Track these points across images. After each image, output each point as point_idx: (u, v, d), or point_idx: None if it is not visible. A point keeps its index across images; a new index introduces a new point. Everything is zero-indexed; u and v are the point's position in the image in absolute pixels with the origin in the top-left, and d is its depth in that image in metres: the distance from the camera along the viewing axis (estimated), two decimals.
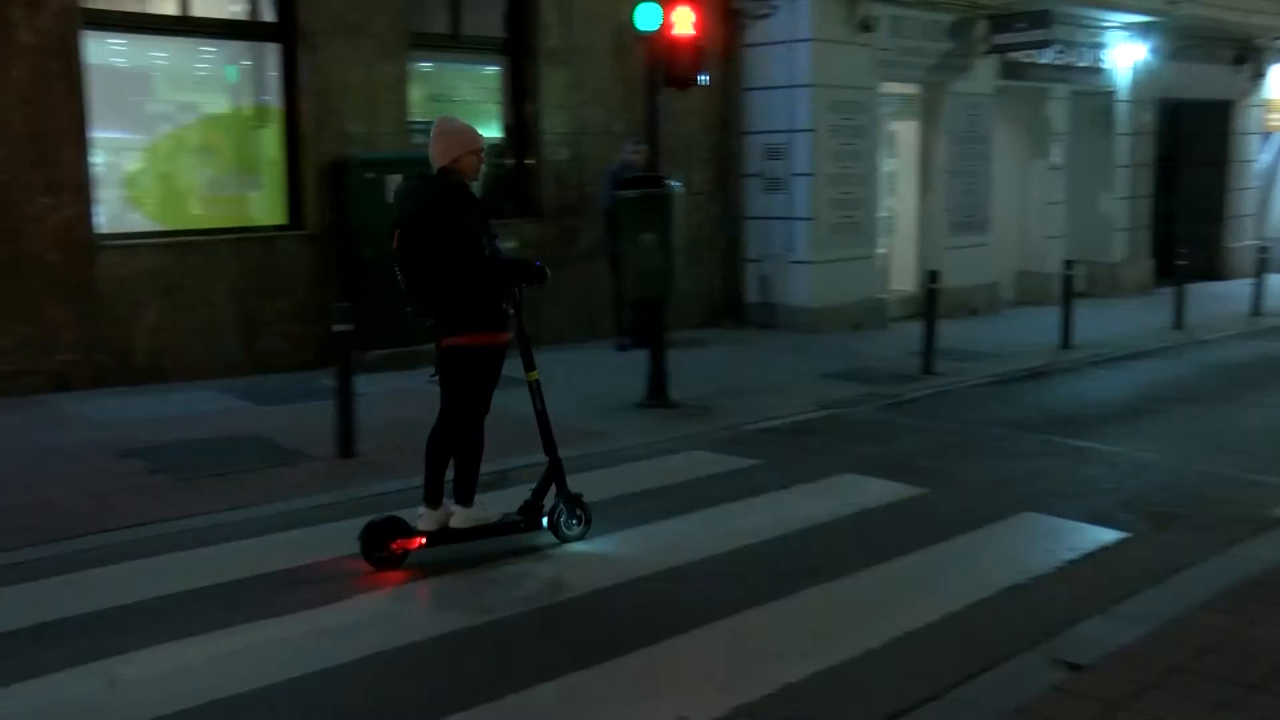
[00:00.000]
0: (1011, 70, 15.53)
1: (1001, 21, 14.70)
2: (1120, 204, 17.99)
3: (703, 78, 9.13)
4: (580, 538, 5.82)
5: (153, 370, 9.85)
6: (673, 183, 9.09)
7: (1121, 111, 17.71)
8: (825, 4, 13.06)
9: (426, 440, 5.66)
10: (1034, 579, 5.37)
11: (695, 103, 13.02)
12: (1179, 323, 13.96)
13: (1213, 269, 20.13)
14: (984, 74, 15.17)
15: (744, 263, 13.90)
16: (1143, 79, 17.86)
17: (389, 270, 5.62)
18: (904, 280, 15.11)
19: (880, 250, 14.70)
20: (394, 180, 10.36)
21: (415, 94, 11.48)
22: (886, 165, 15.03)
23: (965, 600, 5.07)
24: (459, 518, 5.60)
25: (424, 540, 5.49)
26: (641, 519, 6.24)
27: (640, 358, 9.55)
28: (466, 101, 12.25)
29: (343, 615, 4.90)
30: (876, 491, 6.82)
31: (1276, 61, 20.96)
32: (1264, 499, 6.63)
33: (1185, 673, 4.12)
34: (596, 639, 4.65)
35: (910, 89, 14.88)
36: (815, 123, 13.08)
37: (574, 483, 6.00)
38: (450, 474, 5.69)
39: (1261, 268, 15.81)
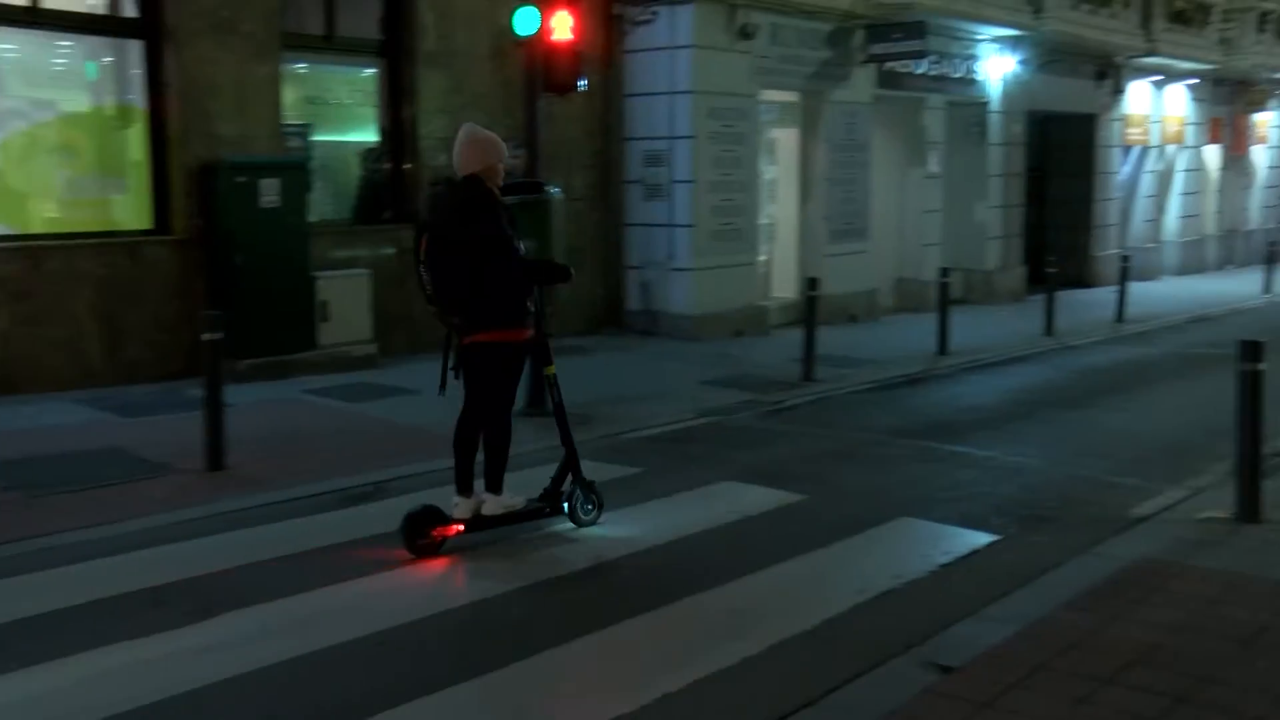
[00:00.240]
0: (889, 80, 15.96)
1: (878, 31, 15.10)
2: (994, 212, 18.62)
3: (582, 83, 9.17)
4: (594, 522, 6.24)
5: (2, 381, 9.45)
6: (552, 189, 9.11)
7: (994, 122, 18.34)
8: (706, 11, 13.24)
9: (453, 434, 6.03)
10: (909, 583, 5.52)
11: (576, 108, 13.06)
12: (1049, 329, 14.50)
13: (1081, 276, 20.98)
14: (862, 83, 15.55)
15: (625, 270, 13.99)
16: (1013, 91, 18.52)
17: (261, 276, 5.57)
18: (785, 287, 15.37)
19: (761, 257, 14.95)
20: (267, 184, 10.22)
21: (289, 96, 11.27)
22: (767, 172, 15.28)
23: (842, 606, 5.18)
24: (491, 505, 5.96)
25: (461, 527, 5.85)
26: (518, 529, 6.22)
27: None
28: (343, 104, 12.09)
29: (208, 635, 4.79)
30: (756, 499, 6.92)
31: (1134, 78, 21.96)
32: (1124, 500, 6.94)
33: (1048, 670, 4.29)
34: (469, 655, 4.63)
35: (790, 97, 15.16)
36: (696, 129, 13.24)
37: (443, 495, 5.96)
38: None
39: (1124, 276, 16.52)
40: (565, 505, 6.16)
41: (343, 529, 6.23)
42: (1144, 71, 22.17)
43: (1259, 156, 27.99)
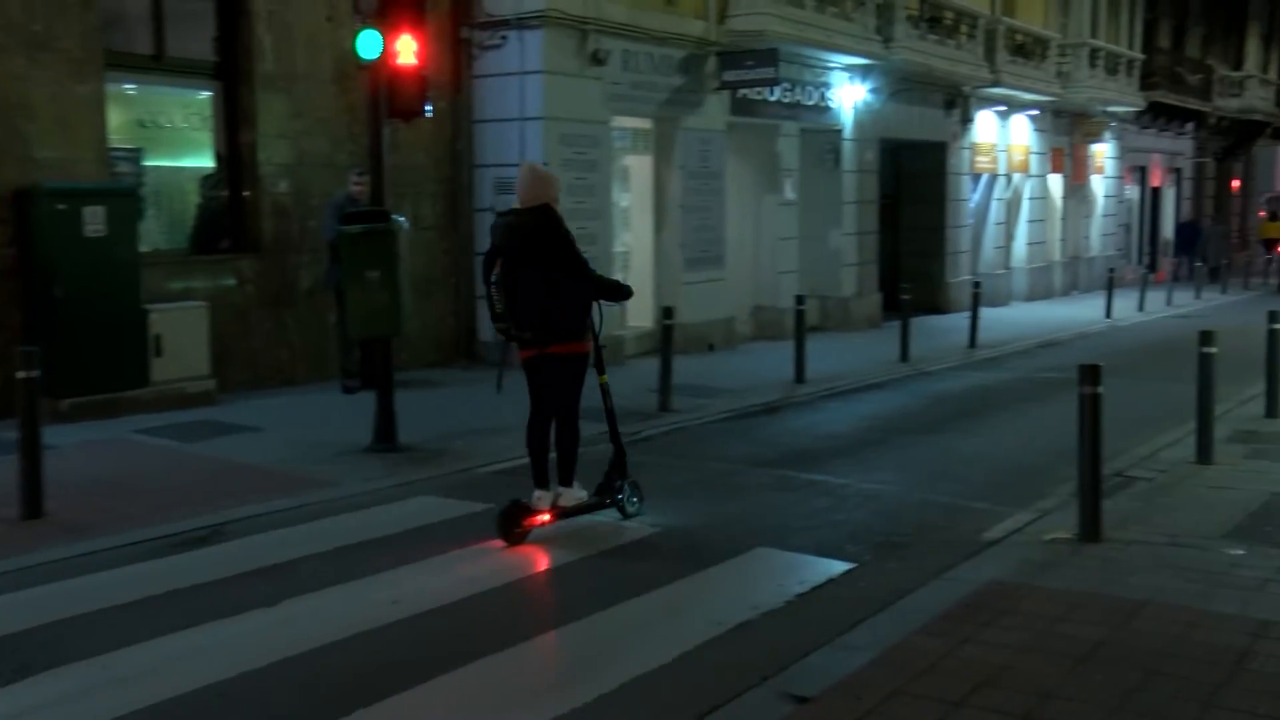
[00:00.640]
0: (742, 107, 16.30)
1: (731, 59, 15.43)
2: (849, 240, 19.15)
3: (429, 109, 9.11)
4: (639, 514, 7.13)
5: None
6: (398, 217, 9.02)
7: (848, 149, 18.89)
8: (556, 36, 13.33)
9: (526, 436, 6.99)
10: (765, 614, 5.59)
11: (423, 134, 12.98)
12: (905, 355, 14.96)
13: (935, 303, 21.74)
14: (715, 110, 15.85)
15: (478, 300, 13.90)
16: (865, 119, 19.13)
17: (86, 309, 5.39)
18: (640, 316, 15.48)
19: None
20: (92, 212, 9.85)
21: (117, 118, 10.92)
22: (621, 200, 15.42)
23: (698, 639, 5.22)
24: (566, 497, 6.90)
25: (549, 516, 6.71)
26: (366, 570, 6.11)
27: (368, 400, 9.38)
28: (177, 128, 11.75)
29: (23, 697, 4.55)
30: (615, 531, 6.93)
31: (981, 108, 22.94)
32: (976, 524, 7.18)
33: (902, 696, 4.40)
34: (301, 703, 4.51)
35: (643, 123, 15.36)
36: (547, 156, 13.27)
37: (294, 533, 5.84)
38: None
39: (976, 302, 17.17)
40: (618, 499, 7.10)
41: (176, 576, 6.01)
42: (990, 101, 23.17)
43: (1097, 186, 29.49)
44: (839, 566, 6.34)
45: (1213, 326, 9.15)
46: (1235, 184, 39.58)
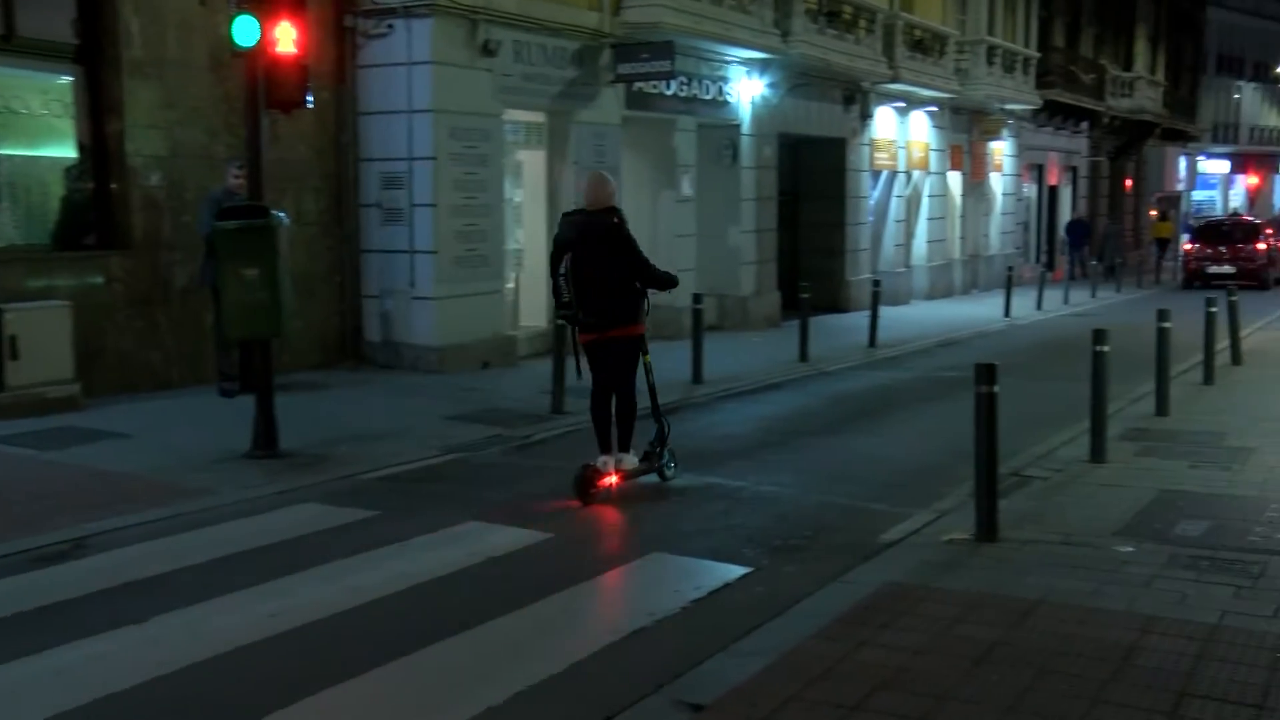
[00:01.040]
0: (638, 101, 16.37)
1: (626, 51, 15.48)
2: (748, 237, 19.35)
3: (310, 100, 8.97)
4: (675, 477, 8.37)
5: None
6: (277, 213, 8.87)
7: (746, 145, 19.09)
8: (445, 25, 13.23)
9: (590, 410, 8.22)
10: (660, 620, 5.63)
11: (305, 126, 12.78)
12: (804, 355, 15.17)
13: (835, 301, 22.09)
14: (610, 103, 15.89)
15: (364, 299, 13.75)
16: (763, 114, 19.35)
17: None
18: (534, 315, 15.46)
19: (508, 284, 15.00)
20: None
21: None
22: (513, 196, 15.37)
23: (591, 647, 5.24)
24: (626, 461, 8.08)
25: (618, 478, 7.91)
26: (245, 582, 6.00)
27: (247, 404, 9.21)
28: (32, 114, 11.35)
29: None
30: (502, 539, 6.92)
31: (880, 104, 23.38)
32: (874, 525, 7.32)
33: (799, 701, 4.47)
34: None
35: (536, 117, 15.32)
36: (436, 150, 13.18)
37: (166, 545, 5.69)
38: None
39: (876, 300, 17.49)
40: (659, 465, 8.31)
41: (36, 593, 5.82)
42: (889, 97, 23.62)
43: (996, 184, 30.26)
44: (735, 571, 6.40)
45: (1106, 325, 9.47)
46: (1128, 183, 40.97)
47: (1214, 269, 28.49)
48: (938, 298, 26.09)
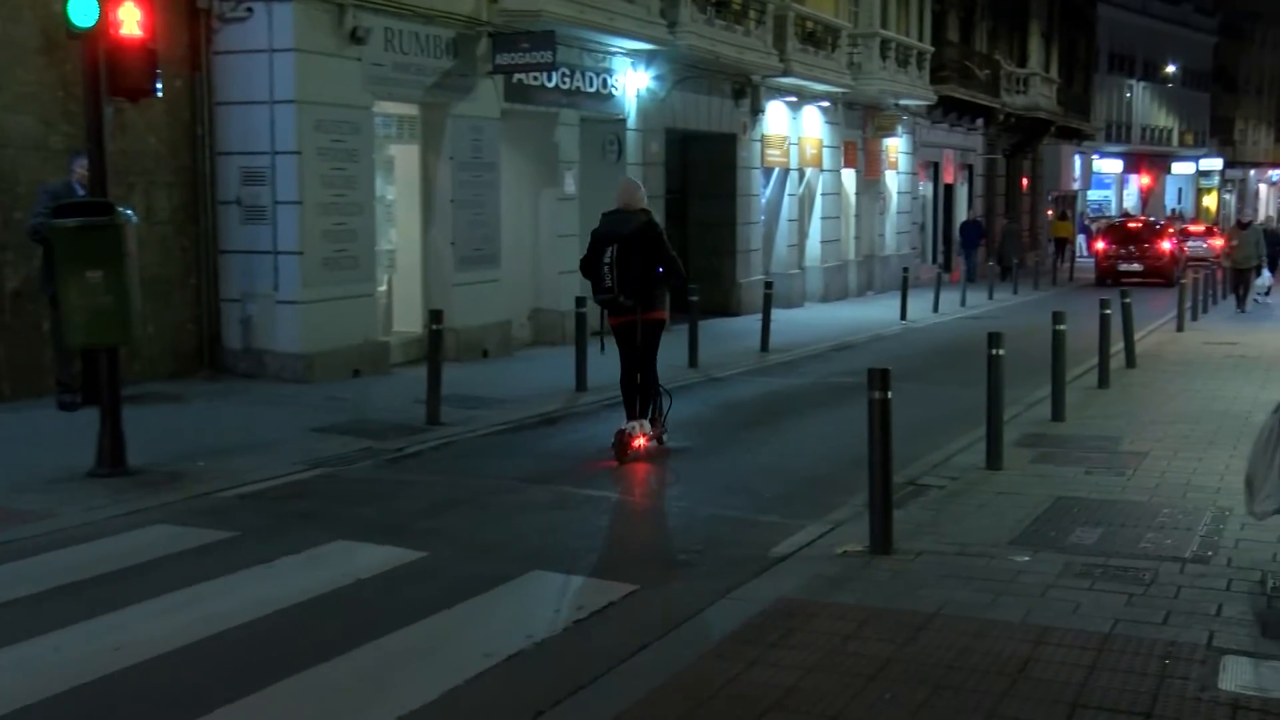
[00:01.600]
0: (518, 93, 16.31)
1: (504, 40, 15.41)
2: None
3: (159, 88, 8.74)
4: (668, 444, 10.12)
5: None
6: (124, 209, 8.61)
7: (631, 140, 19.15)
8: (309, 10, 13.02)
9: (620, 384, 9.95)
10: (541, 643, 5.59)
11: (156, 115, 12.46)
12: (693, 361, 15.26)
13: (725, 305, 22.28)
14: (489, 96, 15.81)
15: (223, 303, 13.45)
16: (650, 108, 19.45)
17: None
18: (408, 320, 15.31)
19: (380, 287, 14.82)
20: None
21: None
22: (386, 193, 15.19)
23: (468, 673, 5.18)
24: (644, 427, 9.78)
25: (645, 440, 9.70)
26: (89, 611, 5.81)
27: (91, 417, 8.92)
28: None
29: None
30: (372, 559, 6.82)
31: (772, 98, 23.67)
32: (766, 538, 7.37)
33: None
34: None
35: (409, 109, 15.17)
36: (301, 144, 12.95)
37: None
38: None
39: (768, 303, 17.68)
40: (659, 436, 10.05)
41: None
42: (780, 92, 23.93)
43: (891, 182, 30.86)
44: (621, 589, 6.39)
45: (1003, 328, 9.71)
46: (1024, 182, 42.17)
47: (1125, 266, 31.49)
48: (832, 300, 26.49)
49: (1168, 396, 12.63)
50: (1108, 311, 13.18)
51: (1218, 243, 34.53)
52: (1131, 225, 34.35)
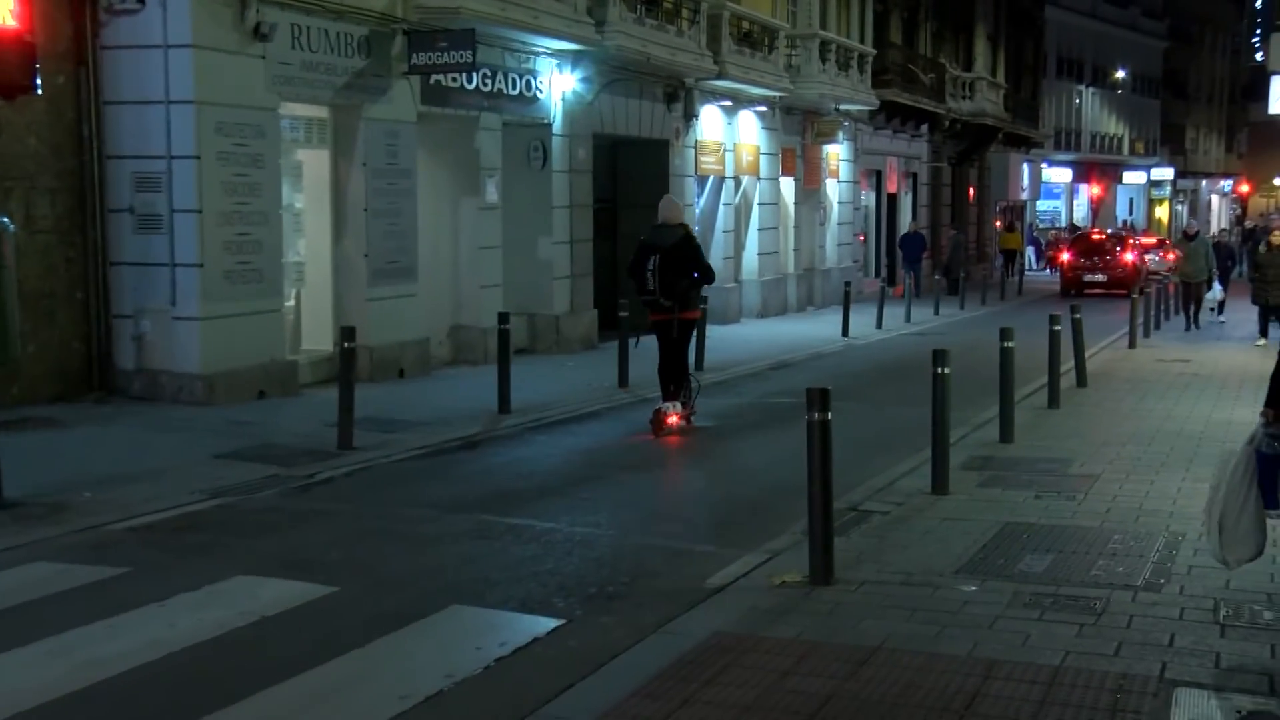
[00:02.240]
0: (436, 95, 16.26)
1: (421, 39, 15.37)
2: (560, 249, 19.42)
3: (38, 84, 8.60)
4: (699, 425, 12.26)
5: None
6: None
7: (557, 146, 19.17)
8: (207, 3, 12.89)
9: (658, 372, 12.26)
10: (461, 682, 5.57)
11: (35, 115, 12.25)
12: (624, 380, 15.27)
13: None
14: (404, 98, 15.75)
15: (114, 320, 13.24)
16: (577, 112, 19.48)
17: None
18: (318, 338, 15.17)
19: (288, 303, 14.69)
20: None
21: None
22: (293, 201, 15.07)
23: (382, 716, 5.14)
24: (676, 407, 12.12)
25: (675, 418, 12.02)
26: None
27: None
28: None
29: None
30: (276, 595, 6.75)
31: (706, 103, 23.82)
32: (699, 569, 7.39)
33: None
34: None
35: (318, 111, 15.07)
36: (200, 148, 12.81)
37: None
38: None
39: (703, 319, 17.70)
40: (688, 416, 12.42)
41: None
42: (715, 95, 24.09)
43: (832, 191, 31.15)
44: (545, 624, 6.38)
45: (950, 344, 9.84)
46: (971, 191, 42.77)
47: (1089, 277, 33.94)
48: (770, 315, 26.65)
49: (1120, 417, 12.85)
50: (1058, 328, 13.38)
51: (1171, 255, 35.37)
52: (1095, 238, 36.93)
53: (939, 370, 9.00)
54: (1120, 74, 59.55)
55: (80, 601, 6.60)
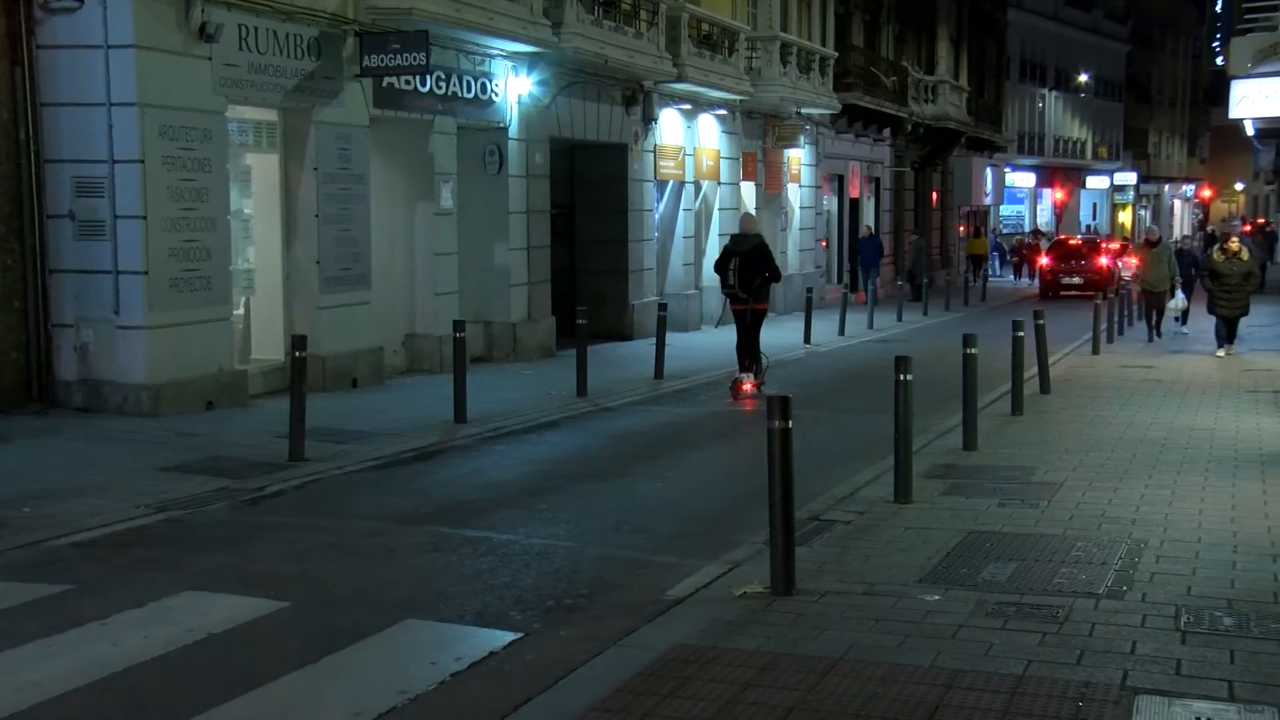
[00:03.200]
0: (388, 98, 16.23)
1: (373, 40, 15.33)
2: (517, 255, 19.40)
3: None
4: (769, 392, 11.84)
5: None
6: None
7: (513, 150, 19.16)
8: (150, 2, 12.79)
9: (736, 348, 15.87)
10: (416, 699, 5.56)
11: None
12: (582, 389, 15.28)
13: (617, 328, 22.37)
14: (356, 101, 15.70)
15: (54, 329, 13.12)
16: (533, 116, 19.48)
17: None
18: (269, 347, 15.10)
19: (237, 311, 14.61)
20: None
21: None
22: (242, 207, 15.00)
23: None
24: (752, 377, 15.66)
25: (749, 386, 15.53)
26: None
27: None
28: None
29: None
30: (225, 611, 6.71)
31: (665, 106, 23.87)
32: (660, 580, 7.41)
33: None
34: None
35: (267, 114, 15.01)
36: (144, 151, 12.72)
37: None
38: None
39: (663, 326, 17.79)
40: (759, 385, 15.48)
41: None
42: (675, 99, 24.14)
43: (794, 196, 31.27)
44: (503, 637, 6.38)
45: (913, 351, 9.92)
46: (934, 196, 43.07)
47: (1067, 280, 36.54)
48: (731, 323, 26.61)
49: (1083, 423, 12.97)
50: (1021, 334, 13.49)
51: (1135, 260, 35.74)
52: (1072, 244, 39.92)
53: (901, 377, 9.05)
54: (1083, 77, 60.18)
55: (19, 620, 6.53)
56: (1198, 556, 7.59)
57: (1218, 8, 36.06)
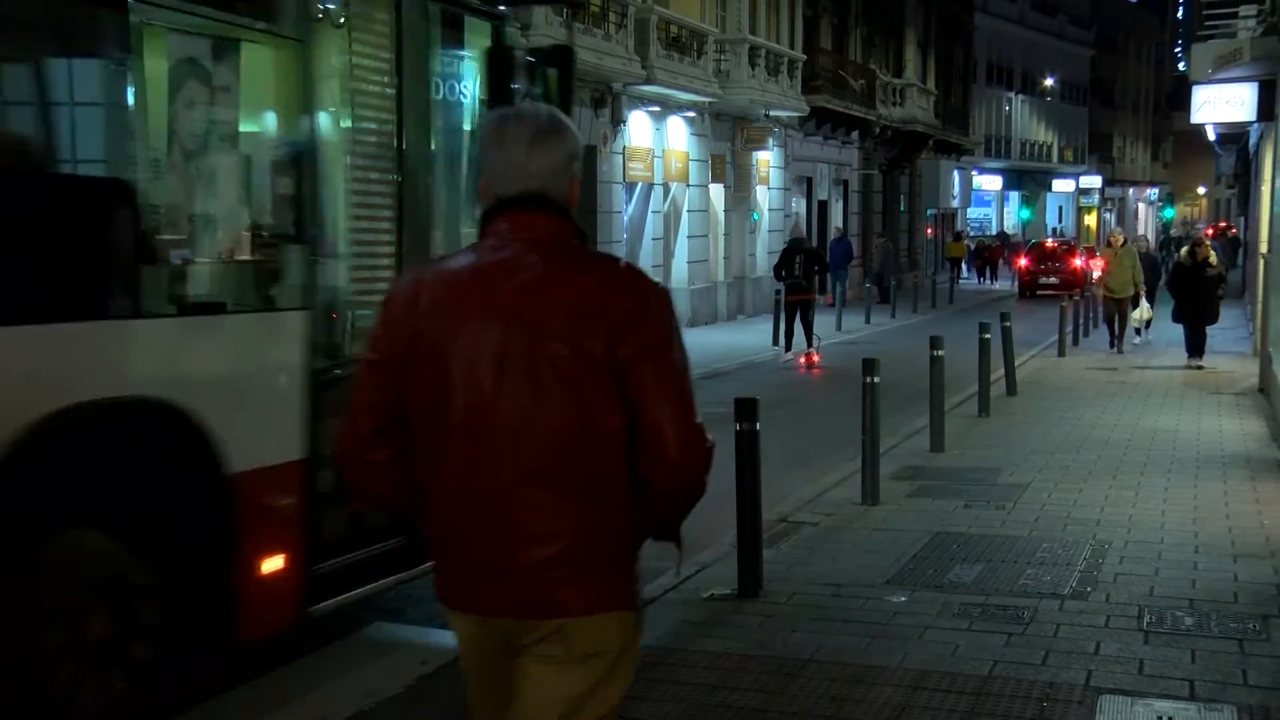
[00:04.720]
0: None
1: None
2: None
3: None
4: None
5: None
6: None
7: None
8: None
9: (784, 333, 20.82)
10: (383, 702, 5.53)
11: None
12: None
13: None
14: None
15: None
16: None
17: None
18: None
19: None
20: None
21: None
22: None
23: None
24: (806, 349, 20.46)
25: (805, 358, 20.23)
26: None
27: None
28: None
29: None
30: None
31: (634, 108, 23.87)
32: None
33: None
34: None
35: None
36: None
37: None
38: None
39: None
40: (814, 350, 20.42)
41: None
42: (643, 101, 24.15)
43: (763, 198, 31.33)
44: None
45: (881, 353, 9.94)
46: (902, 199, 43.30)
47: (1044, 280, 38.79)
48: (700, 325, 26.73)
49: (1049, 425, 13.04)
50: (988, 336, 13.54)
51: (1100, 262, 35.87)
52: (1049, 246, 42.58)
53: (869, 379, 9.08)
54: (1049, 81, 60.54)
55: None
56: (1160, 557, 7.65)
57: (1179, 14, 36.33)
